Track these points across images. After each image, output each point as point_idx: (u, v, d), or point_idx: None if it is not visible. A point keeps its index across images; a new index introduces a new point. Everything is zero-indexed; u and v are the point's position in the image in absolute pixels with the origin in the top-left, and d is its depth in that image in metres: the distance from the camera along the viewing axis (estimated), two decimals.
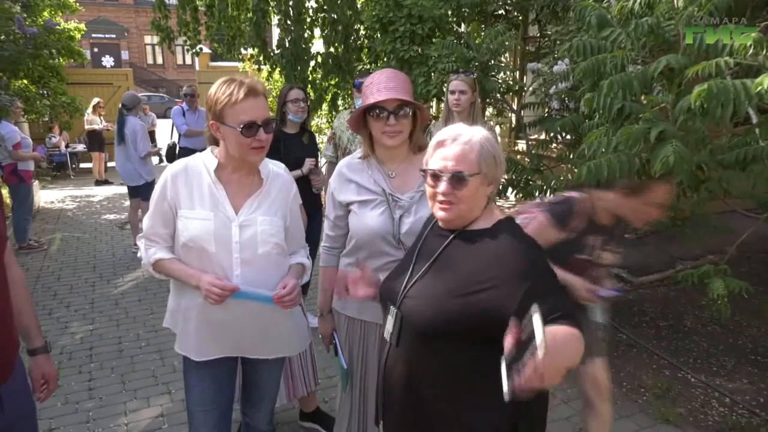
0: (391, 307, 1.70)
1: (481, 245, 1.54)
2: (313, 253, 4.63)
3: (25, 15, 8.80)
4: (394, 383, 1.71)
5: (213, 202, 2.00)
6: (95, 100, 11.83)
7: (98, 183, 11.72)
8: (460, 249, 1.57)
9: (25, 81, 9.58)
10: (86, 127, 11.75)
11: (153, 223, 2.06)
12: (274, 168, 2.18)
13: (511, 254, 1.49)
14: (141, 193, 6.71)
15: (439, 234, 1.66)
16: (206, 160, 2.05)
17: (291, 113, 4.14)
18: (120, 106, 6.64)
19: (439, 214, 1.62)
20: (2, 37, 8.16)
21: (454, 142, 1.59)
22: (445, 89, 5.61)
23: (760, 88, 1.91)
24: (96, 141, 11.74)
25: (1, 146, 6.59)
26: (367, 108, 2.11)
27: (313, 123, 9.90)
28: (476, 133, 1.61)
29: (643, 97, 3.09)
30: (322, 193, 4.56)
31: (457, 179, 1.55)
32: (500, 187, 5.21)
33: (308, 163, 4.16)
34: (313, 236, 4.39)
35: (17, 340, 1.79)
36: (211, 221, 1.97)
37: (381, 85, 2.09)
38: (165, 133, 14.10)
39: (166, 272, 2.06)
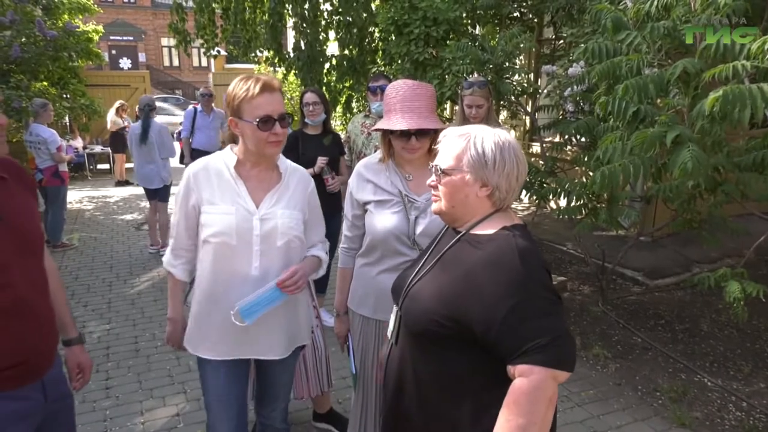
0: (395, 306, 1.72)
1: (478, 251, 1.49)
2: (330, 254, 4.68)
3: (45, 18, 8.93)
4: (391, 381, 1.73)
5: (234, 197, 2.06)
6: (118, 102, 11.96)
7: (119, 184, 11.86)
8: (462, 252, 1.55)
9: (45, 83, 9.71)
10: (111, 128, 11.87)
11: (178, 232, 2.16)
12: (291, 163, 2.25)
13: (503, 266, 1.42)
14: (159, 194, 6.80)
15: (450, 234, 1.66)
16: (226, 157, 2.11)
17: (305, 116, 4.30)
18: (144, 108, 6.64)
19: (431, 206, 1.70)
20: (24, 39, 8.29)
21: (446, 137, 1.62)
22: (458, 90, 5.64)
23: None
24: (119, 142, 11.85)
25: (41, 149, 6.71)
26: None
27: None
28: (477, 132, 1.57)
29: (659, 101, 3.07)
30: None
31: (439, 172, 1.60)
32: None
33: (320, 161, 4.22)
34: (330, 237, 4.41)
35: (57, 333, 1.89)
36: (233, 215, 2.03)
37: (405, 104, 2.12)
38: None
39: (170, 284, 2.26)
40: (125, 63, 33.84)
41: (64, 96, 10.15)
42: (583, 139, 4.89)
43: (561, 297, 1.48)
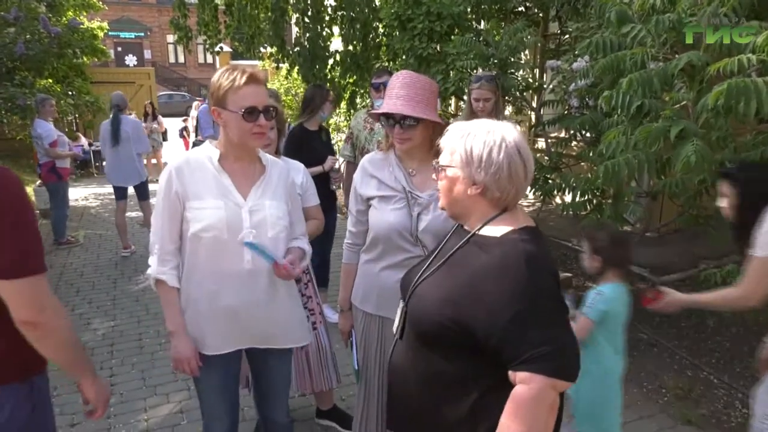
0: (401, 301, 1.71)
1: (485, 256, 1.47)
2: (327, 247, 4.68)
3: (50, 15, 8.94)
4: (394, 376, 1.73)
5: (221, 191, 2.04)
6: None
7: None
8: (469, 254, 1.53)
9: (50, 80, 9.74)
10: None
11: (163, 235, 2.08)
12: (270, 156, 2.25)
13: (508, 273, 1.40)
14: (139, 192, 6.85)
15: (459, 234, 1.65)
16: (208, 151, 2.09)
17: (326, 112, 4.41)
18: (113, 107, 6.59)
19: None
20: (28, 36, 8.31)
21: (448, 132, 1.61)
22: (462, 86, 5.61)
23: None
24: None
25: (39, 144, 6.71)
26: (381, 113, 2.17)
27: (331, 121, 9.96)
28: (473, 129, 1.55)
29: (665, 95, 3.04)
30: (338, 191, 4.68)
31: (438, 168, 1.60)
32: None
33: (330, 160, 4.29)
34: (326, 232, 4.44)
35: None
36: (222, 209, 2.02)
37: (393, 91, 2.13)
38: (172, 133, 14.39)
39: (162, 295, 2.13)
40: (131, 60, 33.91)
41: (69, 93, 10.17)
42: (588, 134, 4.86)
43: (567, 305, 1.47)
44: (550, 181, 4.97)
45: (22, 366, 1.62)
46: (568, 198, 4.70)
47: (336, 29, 8.31)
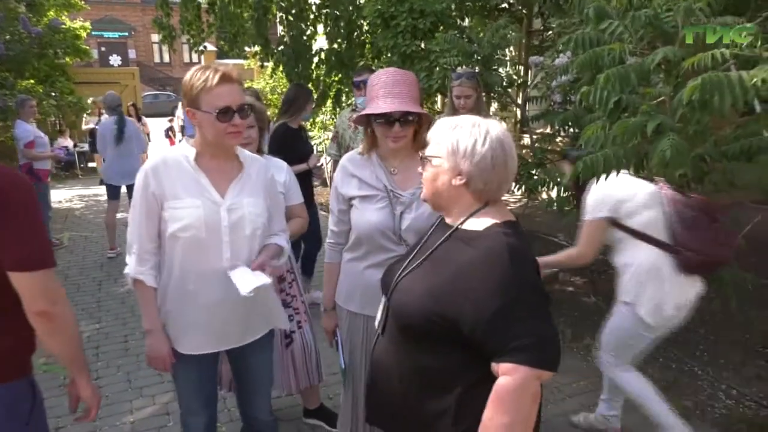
0: (383, 297, 1.73)
1: (469, 249, 1.49)
2: (310, 241, 4.68)
3: (30, 15, 8.85)
4: (376, 372, 1.74)
5: (198, 190, 2.03)
6: (90, 99, 11.86)
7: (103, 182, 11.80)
8: (453, 249, 1.55)
9: (32, 81, 9.64)
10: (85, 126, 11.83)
11: (141, 235, 2.06)
12: (249, 153, 2.24)
13: (493, 267, 1.42)
14: (131, 191, 6.82)
15: (441, 229, 1.67)
16: (184, 150, 2.08)
17: (308, 112, 4.57)
18: (117, 107, 6.65)
19: None
20: (8, 37, 8.23)
21: (436, 125, 1.64)
22: (446, 83, 5.62)
23: (755, 80, 1.89)
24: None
25: (18, 145, 6.63)
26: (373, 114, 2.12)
27: (317, 119, 9.93)
28: (461, 122, 1.58)
29: (644, 90, 3.05)
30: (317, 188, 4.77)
31: (423, 158, 1.64)
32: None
33: (314, 157, 4.33)
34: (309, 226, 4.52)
35: None
36: (200, 208, 2.01)
37: (387, 89, 2.09)
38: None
39: (139, 294, 2.12)
40: (115, 60, 33.63)
41: (52, 94, 10.07)
42: (571, 130, 4.88)
43: (549, 296, 1.49)
44: (534, 177, 4.99)
45: (21, 364, 1.67)
46: (553, 193, 4.72)
47: (320, 27, 8.29)
